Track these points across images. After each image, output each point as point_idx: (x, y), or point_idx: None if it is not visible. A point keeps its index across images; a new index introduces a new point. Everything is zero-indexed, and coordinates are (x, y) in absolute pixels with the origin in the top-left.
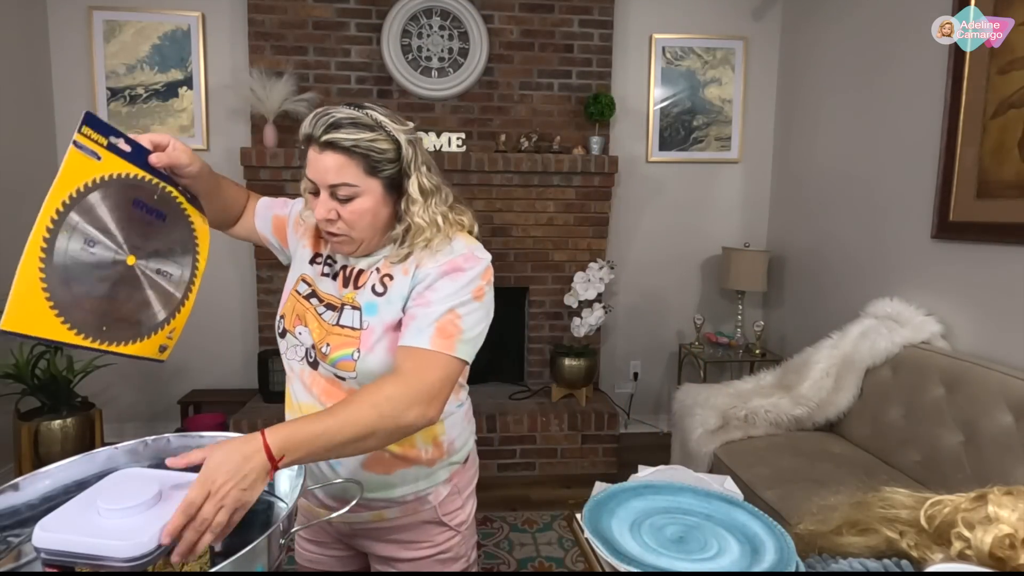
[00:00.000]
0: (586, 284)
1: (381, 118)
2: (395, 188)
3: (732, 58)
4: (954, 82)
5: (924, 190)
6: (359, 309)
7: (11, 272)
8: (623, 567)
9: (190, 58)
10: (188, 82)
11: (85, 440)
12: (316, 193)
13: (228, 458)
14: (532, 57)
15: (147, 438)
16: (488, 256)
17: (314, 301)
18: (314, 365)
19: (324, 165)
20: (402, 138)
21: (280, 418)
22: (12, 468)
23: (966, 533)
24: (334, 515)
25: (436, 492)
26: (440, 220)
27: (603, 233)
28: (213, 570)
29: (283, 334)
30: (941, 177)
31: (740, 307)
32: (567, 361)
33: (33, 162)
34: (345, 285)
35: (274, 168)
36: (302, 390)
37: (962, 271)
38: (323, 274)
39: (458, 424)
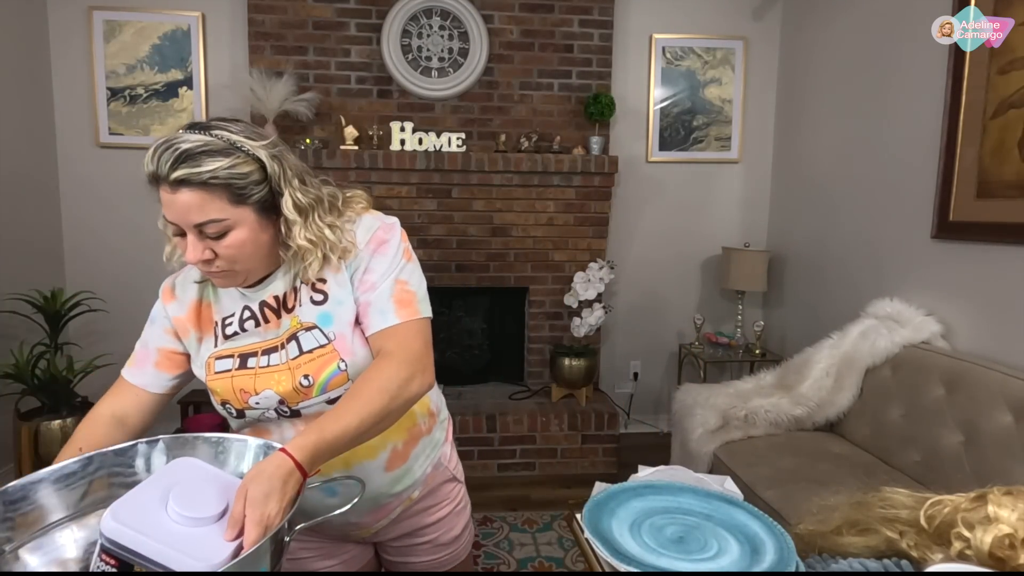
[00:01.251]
0: (586, 284)
1: (235, 137)
2: (270, 208)
3: (732, 58)
4: (954, 82)
5: (924, 190)
6: (314, 327)
7: (11, 270)
8: (623, 567)
9: (190, 58)
10: (188, 82)
11: None
12: (181, 235)
13: (271, 488)
14: (532, 57)
15: (146, 438)
16: (396, 218)
17: (252, 362)
18: (295, 414)
19: (182, 205)
20: (263, 154)
21: None
22: (12, 468)
23: (966, 533)
24: (336, 512)
25: (442, 453)
26: (328, 232)
27: (603, 233)
28: (218, 571)
29: (240, 414)
30: (941, 177)
31: (740, 307)
32: (567, 361)
33: (33, 162)
34: (278, 316)
35: None
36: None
37: (962, 271)
38: (229, 335)
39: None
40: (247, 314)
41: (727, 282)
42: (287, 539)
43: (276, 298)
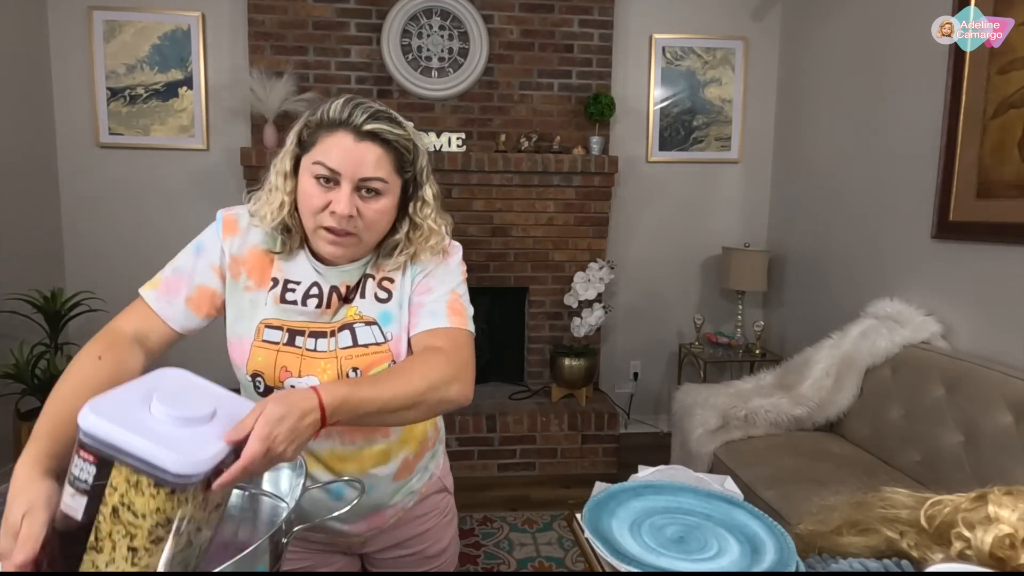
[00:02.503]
0: (586, 284)
1: (401, 120)
2: (406, 191)
3: (732, 58)
4: (954, 82)
5: (924, 190)
6: (374, 323)
7: (11, 270)
8: (623, 567)
9: (190, 58)
10: (188, 82)
11: None
12: (327, 183)
13: (289, 414)
14: (532, 57)
15: None
16: (459, 244)
17: (300, 341)
18: None
19: (362, 156)
20: (420, 143)
21: None
22: (12, 469)
23: (966, 533)
24: (336, 513)
25: (437, 464)
26: (444, 228)
27: (603, 233)
28: (216, 571)
29: (267, 391)
30: (941, 177)
31: (740, 307)
32: (567, 361)
33: (33, 162)
34: (342, 301)
35: None
36: (315, 440)
37: (962, 271)
38: (288, 301)
39: None
40: (315, 291)
41: (727, 282)
42: (284, 540)
43: (347, 287)
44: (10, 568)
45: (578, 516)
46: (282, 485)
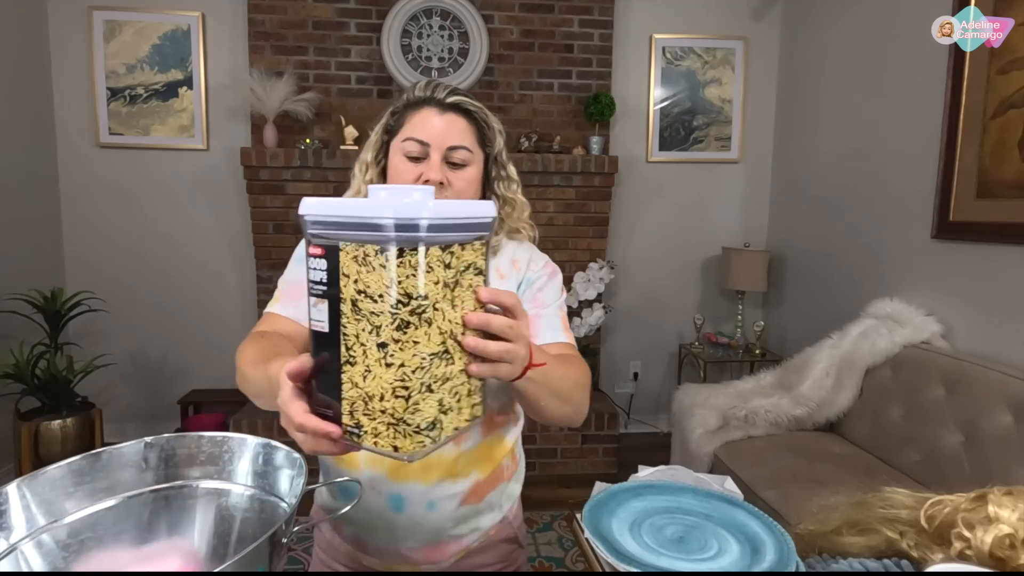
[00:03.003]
0: (586, 284)
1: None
2: (486, 171)
3: (732, 58)
4: (954, 82)
5: (924, 190)
6: None
7: (11, 270)
8: (623, 567)
9: (190, 58)
10: (188, 82)
11: (85, 440)
12: (416, 160)
13: (526, 339)
14: (532, 57)
15: (146, 438)
16: None
17: None
18: None
19: (448, 126)
20: (498, 124)
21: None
22: (12, 468)
23: (966, 533)
24: (339, 513)
25: (512, 509)
26: (527, 212)
27: (603, 233)
28: (216, 571)
29: None
30: (941, 177)
31: (740, 307)
32: None
33: (33, 162)
34: None
35: (274, 168)
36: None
37: (962, 271)
38: None
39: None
40: None
41: (727, 282)
42: (284, 540)
43: None
44: (287, 382)
45: (578, 516)
46: (282, 485)
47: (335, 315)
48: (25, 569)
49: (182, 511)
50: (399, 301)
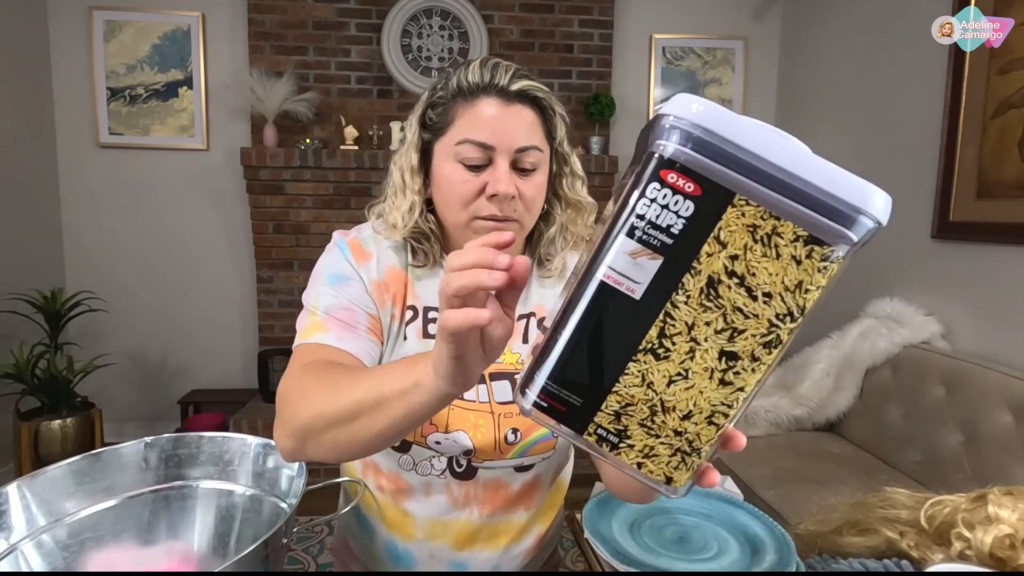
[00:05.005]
0: None
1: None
2: (550, 167)
3: (732, 58)
4: (954, 82)
5: (924, 190)
6: None
7: (11, 270)
8: (623, 567)
9: (190, 58)
10: (188, 82)
11: (85, 440)
12: (477, 168)
13: None
14: (532, 57)
15: (146, 438)
16: None
17: None
18: (469, 474)
19: (514, 122)
20: (560, 108)
21: None
22: (12, 468)
23: (966, 533)
24: (340, 513)
25: (555, 551)
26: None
27: None
28: (216, 571)
29: (403, 448)
30: (941, 177)
31: None
32: None
33: (33, 162)
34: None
35: (274, 168)
36: (447, 507)
37: (962, 271)
38: (431, 335)
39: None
40: None
41: None
42: (284, 540)
43: None
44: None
45: (578, 516)
46: (282, 485)
47: (667, 284)
48: (25, 569)
49: (182, 511)
50: (788, 312)
